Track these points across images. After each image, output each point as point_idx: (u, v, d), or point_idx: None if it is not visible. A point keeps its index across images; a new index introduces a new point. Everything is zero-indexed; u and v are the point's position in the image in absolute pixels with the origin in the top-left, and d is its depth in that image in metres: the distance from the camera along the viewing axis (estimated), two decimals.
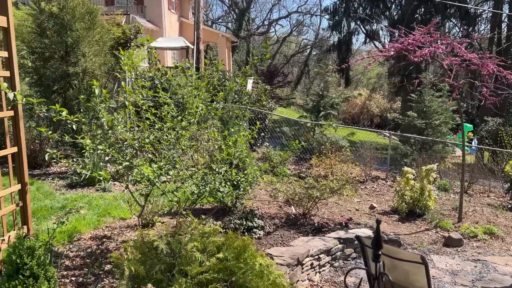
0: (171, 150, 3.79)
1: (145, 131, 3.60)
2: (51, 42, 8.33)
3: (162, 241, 2.66)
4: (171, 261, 2.57)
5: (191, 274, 2.49)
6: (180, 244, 2.63)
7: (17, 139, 3.82)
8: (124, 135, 3.57)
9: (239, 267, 2.51)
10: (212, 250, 2.66)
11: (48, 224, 5.18)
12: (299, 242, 5.10)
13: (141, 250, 2.64)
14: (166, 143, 3.92)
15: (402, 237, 5.96)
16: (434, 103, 10.93)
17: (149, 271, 2.53)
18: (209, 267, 2.52)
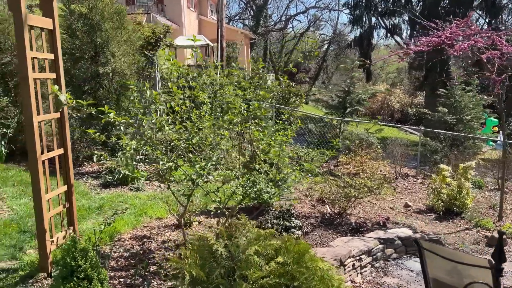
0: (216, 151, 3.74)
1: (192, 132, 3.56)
2: (81, 43, 8.41)
3: (220, 244, 2.62)
4: (231, 265, 2.53)
5: (252, 279, 2.44)
6: (238, 248, 2.58)
7: (63, 140, 3.85)
8: (172, 135, 3.55)
9: (300, 271, 2.45)
10: (270, 254, 2.61)
11: (88, 224, 5.23)
12: (339, 243, 5.02)
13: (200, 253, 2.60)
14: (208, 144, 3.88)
15: (442, 237, 5.81)
16: (465, 97, 10.65)
17: (208, 275, 2.49)
18: (269, 271, 2.46)
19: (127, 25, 9.07)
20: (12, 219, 5.03)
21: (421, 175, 10.31)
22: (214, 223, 5.52)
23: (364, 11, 24.89)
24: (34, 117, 3.31)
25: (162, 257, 4.30)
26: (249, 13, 49.68)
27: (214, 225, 5.46)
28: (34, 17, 3.42)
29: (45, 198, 3.50)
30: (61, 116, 3.79)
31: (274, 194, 3.55)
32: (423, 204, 7.54)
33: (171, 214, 5.75)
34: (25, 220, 5.03)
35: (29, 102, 3.26)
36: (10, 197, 5.84)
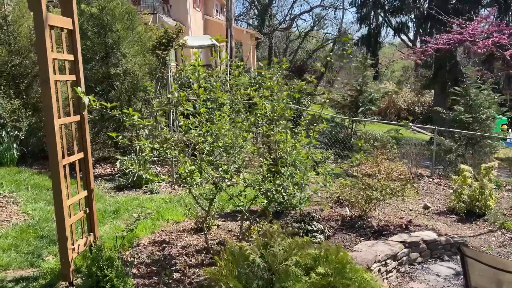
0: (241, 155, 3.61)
1: (219, 134, 3.42)
2: (92, 44, 8.30)
3: (256, 253, 2.48)
4: (269, 276, 2.39)
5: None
6: (276, 258, 2.44)
7: (83, 144, 3.73)
8: (197, 138, 3.42)
9: (344, 283, 2.31)
10: (309, 264, 2.47)
11: (104, 228, 5.11)
12: (363, 247, 4.87)
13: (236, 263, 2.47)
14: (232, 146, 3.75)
15: (466, 239, 5.65)
16: (481, 96, 10.44)
17: (245, 287, 2.35)
18: (311, 283, 2.32)
19: (137, 25, 8.96)
20: (29, 224, 4.92)
21: (436, 175, 10.14)
22: (232, 227, 5.40)
23: (372, 9, 24.66)
24: (55, 120, 3.19)
25: (184, 264, 4.17)
26: (253, 12, 49.54)
27: (233, 229, 5.33)
28: (55, 16, 3.30)
29: (67, 204, 3.38)
30: (81, 119, 3.67)
31: (304, 198, 3.41)
32: (442, 205, 7.37)
33: (188, 217, 5.63)
34: (41, 225, 4.92)
35: (50, 104, 3.14)
36: (25, 202, 5.74)
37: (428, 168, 10.93)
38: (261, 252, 2.53)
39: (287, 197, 3.41)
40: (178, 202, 6.26)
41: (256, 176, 3.70)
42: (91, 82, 8.39)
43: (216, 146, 3.45)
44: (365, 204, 5.90)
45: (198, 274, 3.95)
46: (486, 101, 10.45)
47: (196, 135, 3.41)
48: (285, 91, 4.04)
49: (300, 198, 3.38)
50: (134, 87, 8.50)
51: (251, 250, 2.48)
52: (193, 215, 5.43)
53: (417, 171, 9.84)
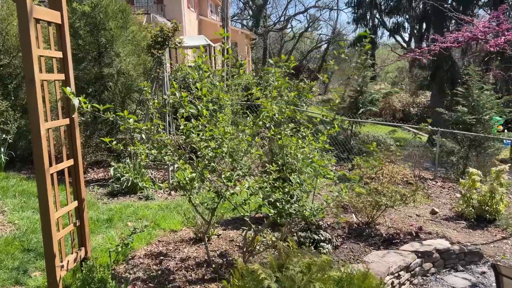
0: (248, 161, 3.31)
1: (224, 139, 3.11)
2: (84, 43, 7.95)
3: (271, 277, 2.17)
4: None
5: None
6: (293, 282, 2.13)
7: (73, 150, 3.39)
8: (199, 144, 3.10)
9: None
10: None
11: (97, 239, 4.77)
12: (374, 258, 4.58)
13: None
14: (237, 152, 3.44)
15: (480, 247, 5.37)
16: (483, 97, 10.21)
17: None
18: None
19: (132, 24, 8.62)
20: (15, 236, 4.56)
21: (440, 178, 9.89)
22: (234, 236, 5.08)
23: (368, 9, 24.46)
24: (42, 124, 2.86)
25: (183, 279, 3.84)
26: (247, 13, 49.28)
27: (235, 238, 5.01)
28: (41, 9, 2.97)
29: (55, 217, 3.04)
30: (71, 123, 3.33)
31: (317, 209, 3.10)
32: (449, 210, 7.10)
33: (186, 226, 5.31)
34: (29, 236, 4.56)
35: (36, 106, 2.81)
36: (12, 210, 5.37)
37: (429, 171, 10.70)
38: (276, 276, 2.22)
39: (299, 208, 3.10)
40: (175, 209, 5.93)
41: (263, 184, 3.39)
42: (83, 83, 8.05)
43: (220, 152, 3.13)
44: (372, 211, 5.62)
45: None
46: (489, 102, 10.22)
47: (198, 140, 3.09)
48: (293, 91, 3.73)
49: (314, 209, 3.08)
50: (128, 88, 8.16)
51: (265, 273, 2.17)
52: (191, 224, 5.10)
53: (419, 174, 9.58)
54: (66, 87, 3.20)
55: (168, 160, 3.29)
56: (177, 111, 3.33)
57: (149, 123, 3.04)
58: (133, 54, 8.41)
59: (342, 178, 4.22)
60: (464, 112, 10.06)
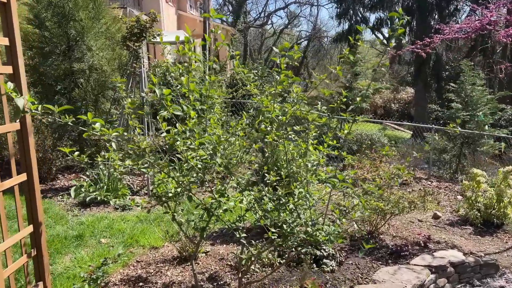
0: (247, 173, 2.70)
1: (218, 148, 2.48)
2: (51, 35, 7.15)
3: None
4: None
5: None
6: None
7: (26, 162, 2.70)
8: (186, 154, 2.47)
9: None
10: None
11: (64, 261, 4.08)
12: (384, 275, 4.04)
13: None
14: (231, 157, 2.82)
15: (493, 257, 4.92)
16: (476, 92, 9.86)
17: None
18: None
19: (105, 14, 7.85)
20: None
21: (434, 177, 9.50)
22: (224, 253, 4.46)
23: (351, 4, 24.05)
24: None
25: None
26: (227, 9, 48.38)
27: (225, 256, 4.39)
28: None
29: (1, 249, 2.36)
30: (22, 128, 2.64)
31: (334, 234, 2.50)
32: (451, 213, 6.65)
33: (168, 241, 4.65)
34: None
35: None
36: None
37: (421, 169, 10.32)
38: None
39: (313, 232, 2.50)
40: (156, 221, 5.27)
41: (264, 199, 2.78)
42: (51, 80, 7.26)
43: (213, 163, 2.51)
44: (376, 219, 5.09)
45: None
46: (483, 97, 9.87)
47: (185, 148, 2.46)
48: (296, 87, 3.13)
49: (330, 234, 2.48)
50: (101, 84, 7.40)
51: None
52: (174, 240, 4.46)
53: (414, 174, 9.15)
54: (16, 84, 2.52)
55: (147, 172, 2.64)
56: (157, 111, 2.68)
57: (121, 128, 2.39)
58: (107, 48, 7.65)
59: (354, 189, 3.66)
60: (458, 109, 9.68)
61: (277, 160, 3.71)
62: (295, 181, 2.97)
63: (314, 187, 3.45)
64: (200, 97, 2.90)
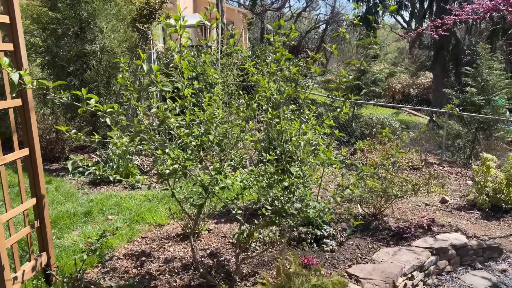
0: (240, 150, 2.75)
1: (209, 125, 2.53)
2: (63, 17, 7.26)
3: None
4: None
5: None
6: None
7: (28, 137, 2.80)
8: (179, 130, 2.52)
9: None
10: None
11: (72, 236, 4.23)
12: (384, 256, 4.06)
13: None
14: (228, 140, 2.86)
15: (498, 241, 4.87)
16: (493, 76, 9.60)
17: None
18: None
19: None
20: None
21: (446, 162, 9.37)
22: (226, 231, 4.54)
23: None
24: None
25: (166, 286, 3.31)
26: None
27: (228, 233, 4.48)
28: None
29: (2, 219, 2.48)
30: (24, 104, 2.74)
31: (324, 210, 2.54)
32: (460, 198, 6.58)
33: (173, 219, 4.77)
34: None
35: None
36: None
37: (434, 155, 10.17)
38: None
39: (303, 207, 2.54)
40: (163, 200, 5.39)
41: (259, 177, 2.83)
42: (64, 61, 7.39)
43: (206, 140, 2.56)
44: (380, 201, 5.09)
45: None
46: (499, 82, 9.61)
47: (177, 125, 2.51)
48: (294, 67, 3.12)
49: (320, 210, 2.52)
50: (113, 66, 7.50)
51: None
52: (179, 218, 4.58)
53: (426, 159, 9.05)
54: (16, 61, 2.60)
55: (144, 150, 2.71)
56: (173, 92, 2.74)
57: (116, 104, 2.45)
58: (118, 29, 7.73)
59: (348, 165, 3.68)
60: (472, 93, 9.46)
61: (273, 139, 3.74)
62: (291, 160, 3.00)
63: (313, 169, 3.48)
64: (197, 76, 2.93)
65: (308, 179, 3.04)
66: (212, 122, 2.54)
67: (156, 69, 2.35)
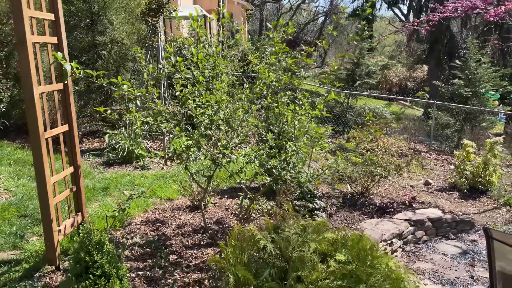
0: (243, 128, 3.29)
1: (221, 105, 3.08)
2: (76, 10, 7.75)
3: (267, 238, 2.20)
4: (282, 264, 2.11)
5: (309, 281, 2.03)
6: (289, 243, 2.16)
7: (68, 116, 3.36)
8: (196, 111, 3.07)
9: (366, 272, 2.04)
10: (327, 250, 2.20)
11: (94, 206, 4.80)
12: (367, 226, 4.65)
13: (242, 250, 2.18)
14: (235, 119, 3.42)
15: (472, 217, 5.47)
16: (480, 70, 10.17)
17: (256, 276, 2.07)
18: (330, 272, 2.06)
19: None
20: (11, 202, 4.57)
21: (434, 151, 9.96)
22: (229, 205, 5.12)
23: None
24: (35, 88, 2.81)
25: (180, 244, 3.89)
26: None
27: (231, 206, 5.06)
28: None
29: (50, 182, 3.04)
30: (64, 88, 3.28)
31: (313, 176, 3.12)
32: (443, 182, 7.19)
33: (182, 195, 5.35)
34: (25, 203, 4.57)
35: (28, 70, 2.76)
36: (7, 178, 5.37)
37: (424, 144, 10.76)
38: (272, 236, 2.25)
39: (295, 174, 3.11)
40: (171, 179, 5.95)
41: (259, 151, 3.39)
42: (76, 51, 7.89)
43: (216, 119, 3.11)
44: (367, 181, 5.67)
45: (196, 256, 3.68)
46: (486, 75, 10.19)
47: (194, 106, 3.06)
48: (290, 59, 3.67)
49: (309, 176, 3.09)
50: (122, 56, 8.02)
51: (261, 234, 2.19)
52: (188, 192, 5.15)
53: (414, 147, 9.64)
54: (58, 51, 3.14)
55: (164, 128, 3.26)
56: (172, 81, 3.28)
57: (144, 89, 3.00)
58: (127, 22, 8.23)
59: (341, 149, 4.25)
60: (460, 85, 10.04)
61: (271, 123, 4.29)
62: (287, 139, 3.56)
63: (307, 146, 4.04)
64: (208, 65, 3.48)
65: (303, 155, 3.61)
66: (222, 104, 3.09)
67: (181, 60, 2.90)
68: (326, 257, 2.21)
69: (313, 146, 3.62)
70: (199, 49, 3.22)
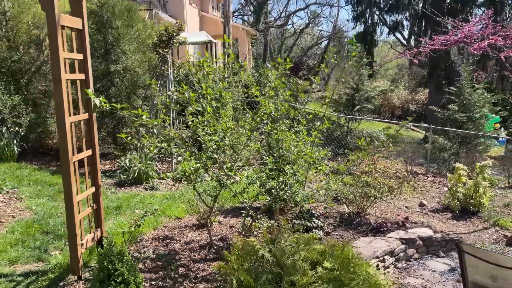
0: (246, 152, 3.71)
1: (226, 133, 3.52)
2: (92, 40, 8.33)
3: (265, 249, 2.59)
4: (277, 270, 2.50)
5: (300, 284, 2.41)
6: (284, 253, 2.55)
7: (91, 141, 3.81)
8: (204, 137, 3.51)
9: (349, 277, 2.42)
10: (315, 259, 2.58)
11: (108, 224, 5.20)
12: (361, 243, 5.00)
13: (244, 258, 2.57)
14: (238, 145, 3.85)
15: (461, 236, 5.81)
16: (475, 95, 10.62)
17: (255, 280, 2.46)
18: (317, 277, 2.44)
19: (137, 22, 9.01)
20: (34, 220, 4.99)
21: (431, 173, 10.32)
22: (233, 223, 5.50)
23: (367, 7, 24.78)
24: (66, 118, 3.27)
25: (188, 259, 4.27)
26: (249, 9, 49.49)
27: (234, 225, 5.44)
28: (66, 17, 3.37)
29: (76, 200, 3.46)
30: (89, 117, 3.75)
31: (308, 196, 3.53)
32: (437, 203, 7.53)
33: (189, 214, 5.73)
34: (46, 220, 4.99)
35: (61, 103, 3.22)
36: (28, 197, 5.80)
37: (422, 166, 11.12)
38: (269, 247, 2.64)
39: (292, 194, 3.52)
40: (179, 199, 6.35)
41: (260, 173, 3.80)
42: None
43: (222, 145, 3.54)
44: (362, 201, 6.04)
45: (203, 269, 4.05)
46: (480, 101, 10.63)
47: (203, 133, 3.50)
48: (289, 91, 4.13)
49: (304, 196, 3.50)
50: (134, 84, 8.56)
51: (260, 245, 2.59)
52: (195, 212, 5.53)
53: (412, 169, 10.01)
54: (86, 86, 3.61)
55: (176, 152, 3.70)
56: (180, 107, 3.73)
57: (159, 119, 3.46)
58: (138, 51, 8.81)
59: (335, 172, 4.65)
60: (455, 110, 10.47)
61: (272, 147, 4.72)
62: (286, 162, 3.98)
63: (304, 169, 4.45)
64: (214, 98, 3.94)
65: (300, 177, 4.02)
66: (228, 132, 3.53)
67: (193, 96, 3.36)
68: (316, 265, 2.60)
69: (308, 168, 4.03)
70: (208, 84, 3.69)
